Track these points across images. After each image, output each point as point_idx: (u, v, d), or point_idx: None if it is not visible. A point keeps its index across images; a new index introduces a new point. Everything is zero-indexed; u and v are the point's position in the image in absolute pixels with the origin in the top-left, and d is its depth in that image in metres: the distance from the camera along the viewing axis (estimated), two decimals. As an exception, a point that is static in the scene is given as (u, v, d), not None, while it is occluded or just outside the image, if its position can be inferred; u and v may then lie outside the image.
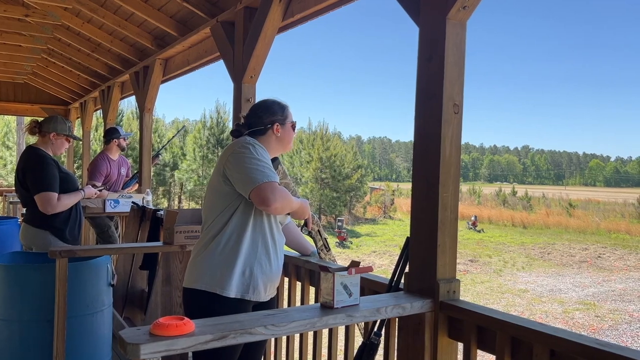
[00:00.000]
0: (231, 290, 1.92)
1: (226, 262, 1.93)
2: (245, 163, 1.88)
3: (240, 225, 1.94)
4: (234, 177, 1.91)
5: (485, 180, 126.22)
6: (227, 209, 1.94)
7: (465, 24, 1.87)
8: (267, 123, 2.08)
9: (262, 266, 1.98)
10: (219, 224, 1.95)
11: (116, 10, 4.88)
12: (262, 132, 2.08)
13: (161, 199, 24.81)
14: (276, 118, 2.10)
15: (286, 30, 3.37)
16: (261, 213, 1.97)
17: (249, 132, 2.08)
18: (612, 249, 20.43)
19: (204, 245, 1.98)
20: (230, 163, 1.92)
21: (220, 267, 1.92)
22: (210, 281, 1.92)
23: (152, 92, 5.48)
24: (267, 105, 2.15)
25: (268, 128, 2.08)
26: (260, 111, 2.12)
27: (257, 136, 2.07)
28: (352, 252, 19.11)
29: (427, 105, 1.88)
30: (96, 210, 4.62)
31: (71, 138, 3.47)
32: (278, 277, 2.11)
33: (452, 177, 1.85)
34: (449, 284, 1.83)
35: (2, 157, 24.02)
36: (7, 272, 2.75)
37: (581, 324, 10.78)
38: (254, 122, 2.10)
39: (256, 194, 1.84)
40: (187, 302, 2.00)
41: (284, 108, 2.15)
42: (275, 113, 2.11)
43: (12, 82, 8.76)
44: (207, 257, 1.95)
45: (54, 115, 3.52)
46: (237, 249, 1.93)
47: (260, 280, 1.98)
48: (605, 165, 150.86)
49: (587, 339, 1.43)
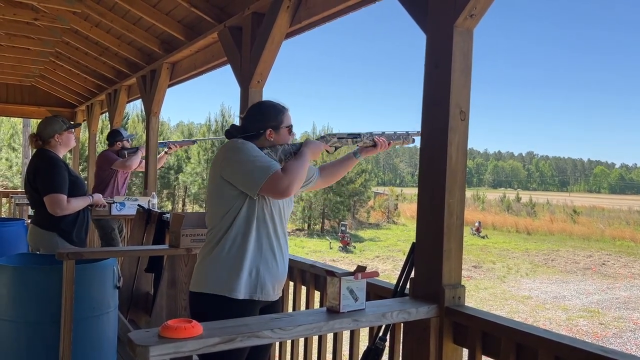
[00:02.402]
0: (240, 291, 1.93)
1: (233, 264, 1.94)
2: (242, 166, 1.90)
3: (244, 227, 1.95)
4: (237, 182, 1.92)
5: (489, 186, 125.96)
6: (230, 212, 1.95)
7: (472, 31, 1.89)
8: (260, 128, 2.05)
9: (269, 265, 2.00)
10: (223, 227, 1.96)
11: (124, 15, 4.92)
12: (255, 137, 2.05)
13: (165, 202, 24.85)
14: (269, 124, 2.05)
15: (293, 36, 3.39)
16: (264, 213, 1.97)
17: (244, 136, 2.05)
18: (617, 256, 20.33)
19: (210, 249, 1.99)
20: (227, 169, 1.94)
21: (227, 269, 1.94)
22: (218, 284, 1.93)
23: (159, 96, 5.51)
24: (262, 109, 2.12)
25: (261, 134, 2.05)
26: (255, 115, 2.10)
27: (250, 140, 2.04)
28: (356, 256, 19.08)
29: (434, 111, 1.89)
30: (102, 212, 4.64)
31: (72, 128, 3.49)
32: (285, 274, 2.12)
33: (458, 183, 1.87)
34: (455, 290, 1.84)
35: (8, 159, 24.14)
36: (14, 274, 2.77)
37: (585, 332, 10.72)
38: (248, 126, 2.08)
39: (266, 191, 1.88)
40: (194, 305, 2.01)
41: (280, 112, 2.10)
42: (270, 118, 2.07)
43: (20, 84, 8.82)
44: (214, 260, 1.96)
45: (45, 120, 3.48)
46: (242, 250, 1.94)
47: (267, 280, 1.99)
48: (610, 172, 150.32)
49: (592, 346, 1.44)
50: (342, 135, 2.17)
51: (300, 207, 24.14)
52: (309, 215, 24.55)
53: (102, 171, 5.27)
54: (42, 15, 5.37)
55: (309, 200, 24.14)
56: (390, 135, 2.34)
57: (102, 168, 5.27)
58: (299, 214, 24.31)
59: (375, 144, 2.28)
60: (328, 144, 2.21)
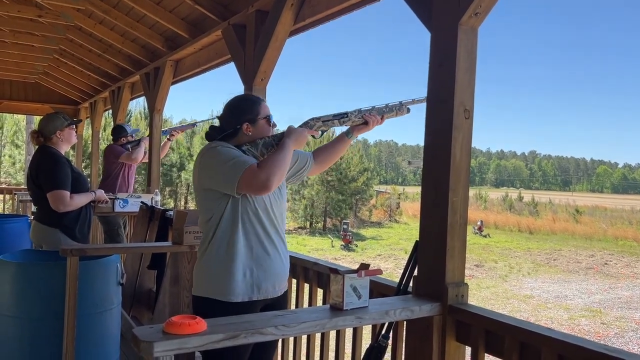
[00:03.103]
0: (236, 295, 1.91)
1: (224, 268, 1.91)
2: (217, 169, 1.87)
3: (230, 229, 1.92)
4: (216, 186, 1.90)
5: (491, 185, 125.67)
6: (214, 216, 1.93)
7: (477, 30, 1.88)
8: (236, 124, 1.98)
9: (263, 265, 1.96)
10: (210, 231, 1.95)
11: (128, 12, 4.93)
12: (233, 134, 1.99)
13: (168, 200, 24.89)
14: (245, 117, 1.99)
15: (297, 34, 3.39)
16: (248, 213, 1.93)
17: (222, 136, 1.98)
18: (619, 256, 20.29)
19: (202, 252, 1.99)
20: (203, 174, 1.93)
21: (219, 274, 1.92)
22: (213, 289, 1.92)
23: (162, 93, 5.52)
24: (234, 104, 2.05)
25: (238, 129, 1.98)
26: (230, 111, 2.03)
27: (229, 139, 1.98)
28: (358, 255, 19.09)
29: (438, 110, 1.89)
30: (105, 209, 4.65)
31: (73, 124, 3.50)
32: (285, 270, 2.07)
33: (462, 182, 1.86)
34: (458, 288, 1.84)
35: (12, 155, 24.20)
36: (17, 270, 2.78)
37: (587, 331, 10.71)
38: (224, 124, 2.03)
39: (244, 188, 1.84)
40: (195, 307, 2.01)
41: (254, 103, 2.03)
42: (244, 112, 2.00)
43: (24, 81, 8.84)
44: (206, 264, 1.95)
45: (46, 117, 3.48)
46: (231, 253, 1.91)
47: (263, 279, 1.95)
48: (613, 172, 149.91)
49: (595, 344, 1.44)
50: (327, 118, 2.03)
51: (303, 205, 24.15)
52: (311, 213, 24.56)
53: (109, 164, 5.31)
54: (46, 12, 5.37)
55: (311, 199, 24.15)
56: (381, 109, 2.17)
57: (110, 161, 5.31)
58: (301, 212, 24.33)
59: (366, 122, 2.15)
60: (313, 129, 2.09)
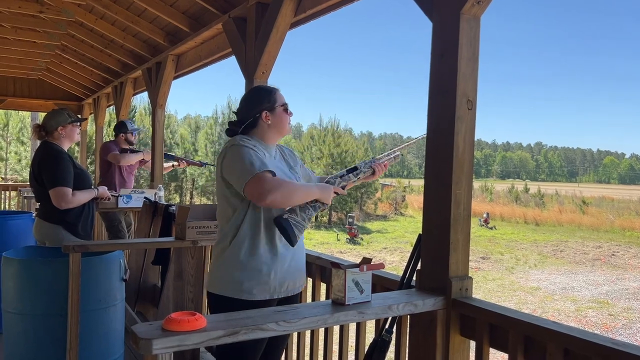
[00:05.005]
0: (259, 294, 1.92)
1: (248, 267, 1.92)
2: (236, 165, 1.87)
3: (253, 230, 1.93)
4: (233, 183, 1.91)
5: (497, 177, 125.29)
6: (237, 214, 1.94)
7: (480, 19, 1.85)
8: (255, 113, 2.02)
9: (286, 265, 1.98)
10: (232, 230, 1.95)
11: (129, 7, 4.90)
12: (253, 124, 2.03)
13: (173, 195, 24.96)
14: (263, 106, 2.03)
15: (298, 26, 3.36)
16: (271, 211, 1.94)
17: (242, 128, 2.03)
18: (626, 247, 20.21)
19: (221, 249, 1.98)
20: (225, 170, 1.93)
21: (242, 273, 1.92)
22: (235, 287, 1.92)
23: (165, 88, 5.50)
24: (252, 94, 2.09)
25: (257, 118, 2.02)
26: (247, 103, 2.07)
27: (249, 130, 2.03)
28: (363, 248, 19.09)
29: (441, 101, 1.86)
30: (108, 205, 4.65)
31: (77, 122, 3.48)
32: (304, 264, 2.13)
33: (465, 174, 1.83)
34: (462, 282, 1.82)
35: (17, 152, 24.28)
36: (21, 266, 2.78)
37: (594, 323, 10.68)
38: (243, 116, 2.05)
39: (247, 192, 1.84)
40: (213, 306, 2.00)
41: (270, 92, 2.07)
42: (262, 100, 2.04)
43: (27, 78, 8.84)
44: (229, 263, 1.95)
45: (51, 112, 3.48)
46: (256, 254, 1.92)
47: (287, 278, 1.99)
48: (620, 162, 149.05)
49: (601, 338, 1.41)
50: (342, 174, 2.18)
51: (308, 199, 24.13)
52: (316, 207, 24.54)
53: (102, 162, 5.41)
54: (47, 8, 5.36)
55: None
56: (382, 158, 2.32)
57: (102, 159, 5.41)
58: (306, 205, 24.32)
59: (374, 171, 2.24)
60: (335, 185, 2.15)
